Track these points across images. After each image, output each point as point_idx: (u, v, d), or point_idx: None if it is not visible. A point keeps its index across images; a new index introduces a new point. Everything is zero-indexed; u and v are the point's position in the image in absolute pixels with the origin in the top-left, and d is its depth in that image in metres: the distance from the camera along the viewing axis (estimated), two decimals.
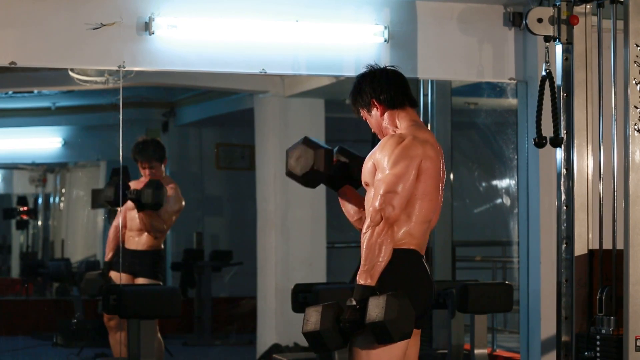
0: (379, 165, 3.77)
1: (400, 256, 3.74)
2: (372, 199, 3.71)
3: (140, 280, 6.80)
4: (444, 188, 3.95)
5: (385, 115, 3.93)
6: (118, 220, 6.95)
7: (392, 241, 3.69)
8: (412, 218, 3.77)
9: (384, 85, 3.94)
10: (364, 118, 4.03)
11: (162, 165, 6.94)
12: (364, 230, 3.70)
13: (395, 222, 3.74)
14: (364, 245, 3.68)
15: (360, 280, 3.67)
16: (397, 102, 3.93)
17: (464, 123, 10.02)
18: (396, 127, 3.91)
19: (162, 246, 6.87)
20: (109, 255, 6.97)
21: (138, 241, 6.84)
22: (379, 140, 3.92)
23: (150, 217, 6.73)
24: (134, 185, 6.85)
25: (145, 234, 6.84)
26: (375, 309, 3.60)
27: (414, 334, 3.77)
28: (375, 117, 3.96)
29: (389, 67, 4.00)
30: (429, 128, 6.86)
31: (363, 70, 4.01)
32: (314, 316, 3.73)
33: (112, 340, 6.93)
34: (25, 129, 11.03)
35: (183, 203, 7.02)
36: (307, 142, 3.97)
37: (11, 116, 10.71)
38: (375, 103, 3.93)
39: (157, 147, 6.96)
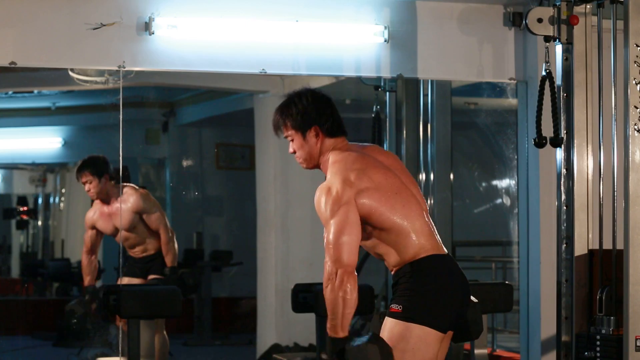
0: (321, 220, 3.71)
1: (417, 270, 3.70)
2: (325, 252, 3.67)
3: (152, 277, 6.81)
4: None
5: (321, 143, 3.83)
6: (88, 245, 6.93)
7: (355, 286, 3.63)
8: (408, 233, 3.71)
9: (328, 113, 3.86)
10: (289, 138, 3.88)
11: (102, 180, 6.71)
12: (324, 284, 3.65)
13: (398, 245, 3.71)
14: (327, 300, 3.64)
15: (333, 334, 3.63)
16: (336, 131, 3.86)
17: (464, 123, 10.03)
18: (327, 158, 3.81)
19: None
20: (87, 279, 6.91)
21: (144, 249, 6.86)
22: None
23: (150, 229, 6.78)
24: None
25: (146, 242, 6.84)
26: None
27: (446, 337, 3.74)
28: (310, 145, 3.84)
29: (323, 93, 3.89)
30: (428, 128, 6.89)
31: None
32: None
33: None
34: (25, 129, 11.05)
35: (152, 198, 6.96)
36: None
37: (11, 116, 10.72)
38: (317, 130, 3.83)
39: (93, 160, 6.74)
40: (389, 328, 3.69)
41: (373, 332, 3.67)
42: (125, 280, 6.84)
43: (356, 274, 3.67)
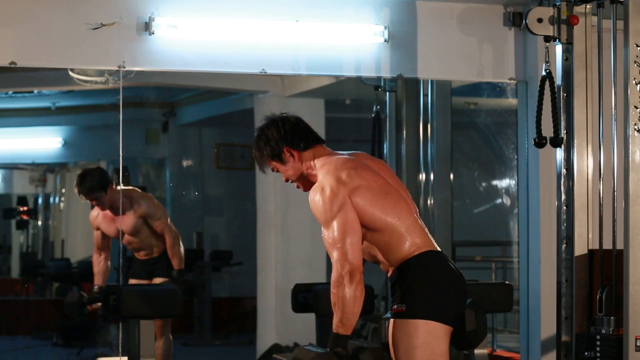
0: (320, 221, 3.76)
1: (414, 267, 3.75)
2: (331, 253, 3.70)
3: (157, 280, 6.79)
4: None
5: (299, 158, 3.90)
6: (95, 245, 6.87)
7: (363, 285, 3.69)
8: (401, 233, 3.76)
9: (292, 130, 3.92)
10: (274, 170, 3.98)
11: (109, 191, 6.58)
12: (334, 284, 3.67)
13: (391, 245, 3.75)
14: (337, 299, 3.67)
15: (343, 332, 3.68)
16: (308, 143, 3.91)
17: (464, 123, 10.03)
18: (313, 168, 3.88)
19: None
20: (94, 278, 6.84)
21: (148, 252, 6.84)
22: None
23: (156, 233, 6.76)
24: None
25: (150, 246, 6.82)
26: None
27: (447, 332, 3.79)
28: (291, 166, 3.92)
29: (285, 114, 3.99)
30: (428, 128, 6.89)
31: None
32: None
33: None
34: (25, 129, 11.05)
35: (156, 202, 6.92)
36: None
37: (11, 116, 10.73)
38: (290, 150, 3.90)
39: (93, 177, 6.59)
40: (397, 327, 3.75)
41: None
42: (133, 282, 6.84)
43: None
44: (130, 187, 6.92)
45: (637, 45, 4.92)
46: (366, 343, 3.79)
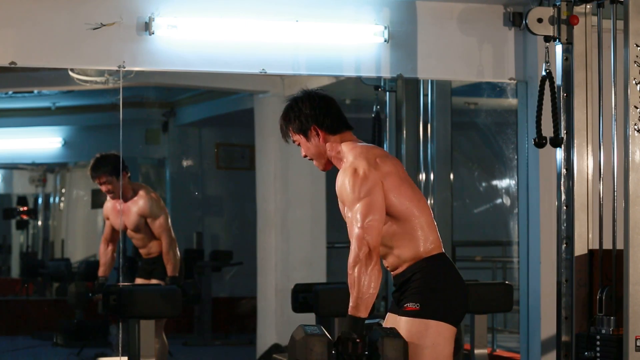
0: (346, 202, 3.75)
1: (432, 267, 3.76)
2: (351, 233, 3.69)
3: (154, 282, 6.82)
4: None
5: (325, 140, 3.89)
6: (104, 234, 6.94)
7: (380, 266, 3.68)
8: (421, 227, 3.77)
9: (325, 111, 3.90)
10: (296, 143, 3.97)
11: (120, 178, 6.64)
12: (351, 264, 3.65)
13: (412, 238, 3.76)
14: (354, 280, 3.64)
15: (358, 313, 3.64)
16: (338, 127, 3.90)
17: (464, 123, 10.03)
18: (339, 152, 3.87)
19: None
20: (100, 269, 6.91)
21: (148, 251, 6.86)
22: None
23: (154, 236, 6.78)
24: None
25: (149, 245, 6.84)
26: (394, 351, 3.59)
27: (454, 334, 3.79)
28: (315, 144, 3.90)
29: (321, 92, 3.96)
30: (428, 128, 6.90)
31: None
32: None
33: None
34: (25, 129, 11.05)
35: (162, 204, 6.95)
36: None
37: (11, 116, 10.72)
38: (317, 129, 3.88)
39: (108, 160, 6.68)
40: (407, 327, 3.74)
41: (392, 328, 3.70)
42: (138, 281, 6.88)
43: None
44: (143, 184, 6.97)
45: (637, 45, 4.93)
46: (383, 330, 3.70)
